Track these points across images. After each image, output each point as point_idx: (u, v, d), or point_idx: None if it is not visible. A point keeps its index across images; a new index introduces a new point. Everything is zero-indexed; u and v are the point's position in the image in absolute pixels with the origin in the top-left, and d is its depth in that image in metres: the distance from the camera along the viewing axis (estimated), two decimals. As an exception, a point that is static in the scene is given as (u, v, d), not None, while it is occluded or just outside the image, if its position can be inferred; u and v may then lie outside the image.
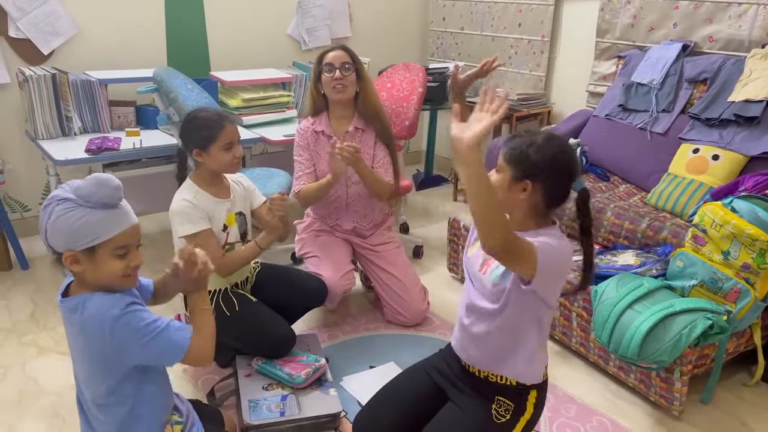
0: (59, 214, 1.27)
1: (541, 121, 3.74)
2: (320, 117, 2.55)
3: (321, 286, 2.36)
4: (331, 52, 2.46)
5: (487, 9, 4.01)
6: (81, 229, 1.27)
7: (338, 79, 2.42)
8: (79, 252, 1.29)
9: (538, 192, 1.43)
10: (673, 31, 3.04)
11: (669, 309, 1.92)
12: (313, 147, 2.55)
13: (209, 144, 2.01)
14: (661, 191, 2.64)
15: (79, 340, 1.35)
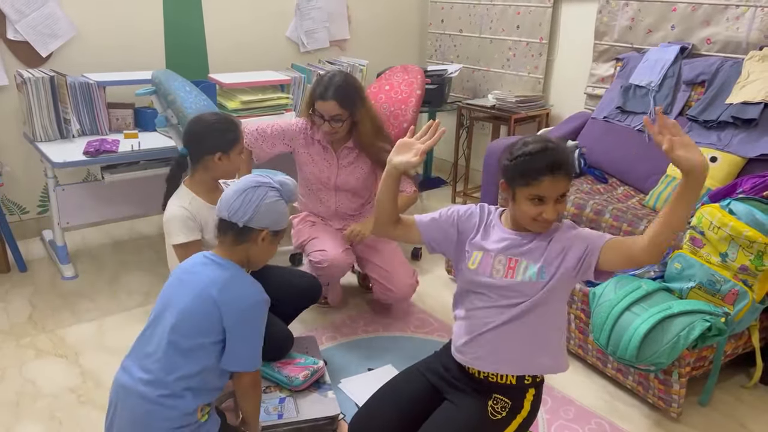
0: (275, 199, 1.60)
1: (540, 123, 3.74)
2: (316, 127, 2.52)
3: (314, 284, 2.34)
4: (322, 101, 2.36)
5: (486, 11, 4.02)
6: (283, 216, 1.64)
7: (327, 131, 2.43)
8: (269, 233, 1.61)
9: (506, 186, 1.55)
10: (671, 33, 3.05)
11: (667, 311, 1.92)
12: (302, 149, 2.55)
13: (232, 147, 2.04)
14: (659, 193, 2.64)
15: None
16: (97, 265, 3.05)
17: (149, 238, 3.38)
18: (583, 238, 1.51)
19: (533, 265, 1.52)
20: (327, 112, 2.38)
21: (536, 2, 3.69)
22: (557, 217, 1.51)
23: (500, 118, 3.72)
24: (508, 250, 1.56)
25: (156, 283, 2.82)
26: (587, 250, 1.48)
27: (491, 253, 1.58)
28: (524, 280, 1.52)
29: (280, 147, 2.59)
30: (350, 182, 2.59)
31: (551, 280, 1.50)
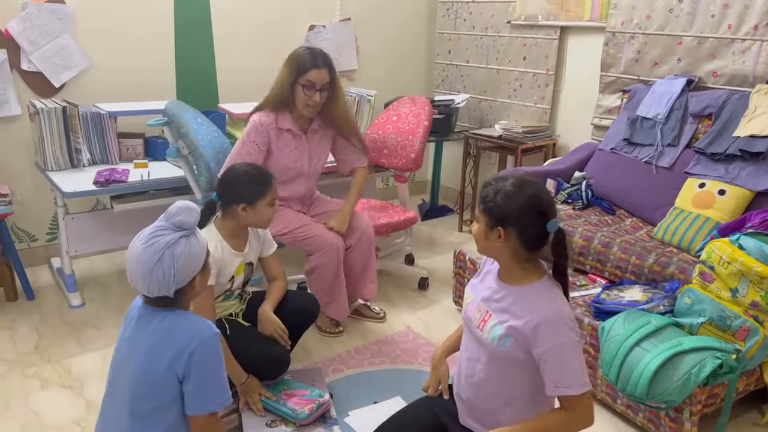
0: (186, 251, 1.40)
1: (546, 154, 3.75)
2: (282, 114, 2.54)
3: (312, 302, 2.35)
4: (316, 69, 2.42)
5: (492, 42, 4.06)
6: (202, 251, 1.46)
7: (316, 101, 2.46)
8: (199, 274, 1.47)
9: (512, 237, 1.46)
10: (677, 65, 3.07)
11: (677, 347, 1.90)
12: (275, 143, 2.56)
13: (257, 199, 2.07)
14: (667, 225, 2.63)
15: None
16: (104, 294, 3.05)
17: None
18: (552, 367, 1.43)
19: (499, 327, 1.50)
20: (321, 80, 2.43)
21: (543, 34, 3.73)
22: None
23: (507, 148, 3.73)
24: (488, 302, 1.56)
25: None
26: (546, 378, 1.45)
27: (476, 299, 1.60)
28: (487, 338, 1.52)
29: (264, 154, 2.58)
30: (319, 164, 2.70)
31: (513, 352, 1.48)
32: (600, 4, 3.39)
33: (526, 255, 1.49)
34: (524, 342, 1.46)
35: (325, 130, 2.67)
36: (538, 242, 1.48)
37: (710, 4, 2.89)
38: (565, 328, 1.42)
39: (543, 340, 1.42)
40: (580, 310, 2.30)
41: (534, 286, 1.49)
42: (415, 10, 4.46)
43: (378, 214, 3.11)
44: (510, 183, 1.47)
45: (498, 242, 1.48)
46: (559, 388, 1.43)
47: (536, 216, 1.45)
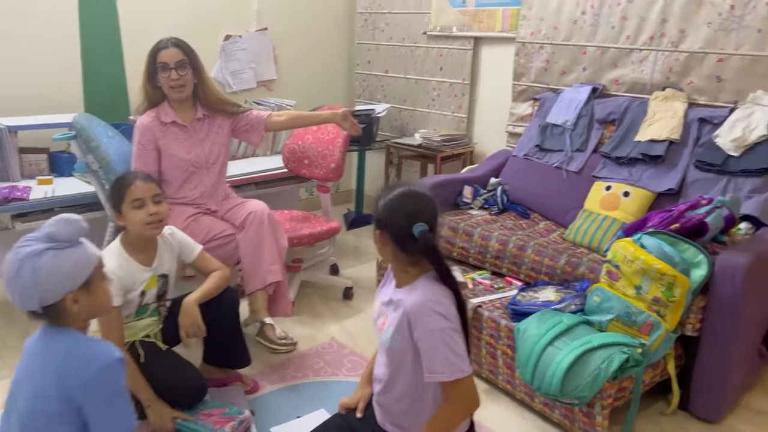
0: (51, 263, 1.31)
1: (465, 161, 3.83)
2: (161, 108, 2.56)
3: (197, 385, 2.12)
4: (164, 50, 2.47)
5: (410, 53, 4.13)
6: (78, 266, 1.35)
7: (175, 79, 2.47)
8: (77, 291, 1.35)
9: (388, 239, 1.51)
10: (583, 74, 3.21)
11: (587, 345, 1.98)
12: (162, 140, 2.54)
13: (120, 204, 1.99)
14: (578, 227, 2.74)
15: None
16: (7, 320, 2.86)
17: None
18: (424, 353, 1.48)
19: (390, 327, 1.55)
20: (172, 59, 2.47)
21: (458, 45, 3.82)
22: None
23: (427, 156, 3.80)
24: (386, 305, 1.61)
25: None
26: (423, 364, 1.49)
27: (379, 305, 1.66)
28: (386, 340, 1.57)
29: (155, 152, 2.56)
30: (215, 151, 2.66)
31: (403, 349, 1.53)
32: (510, 16, 3.51)
33: (406, 258, 1.53)
34: (408, 336, 1.50)
35: (213, 119, 2.66)
36: (411, 246, 1.49)
37: (610, 15, 3.05)
38: (431, 313, 1.46)
39: (413, 327, 1.48)
40: (497, 313, 2.36)
41: (414, 284, 1.54)
42: (333, 21, 4.47)
43: (300, 225, 3.08)
44: (391, 190, 1.54)
45: (379, 244, 1.54)
46: (432, 375, 1.46)
47: (402, 217, 1.49)
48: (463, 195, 3.15)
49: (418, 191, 1.55)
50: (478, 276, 2.69)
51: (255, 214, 2.55)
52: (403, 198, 1.51)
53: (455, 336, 1.48)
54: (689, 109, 2.76)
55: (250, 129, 2.77)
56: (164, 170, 2.58)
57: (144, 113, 2.57)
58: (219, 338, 2.23)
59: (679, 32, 2.83)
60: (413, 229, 1.47)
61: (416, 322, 1.47)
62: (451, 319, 1.49)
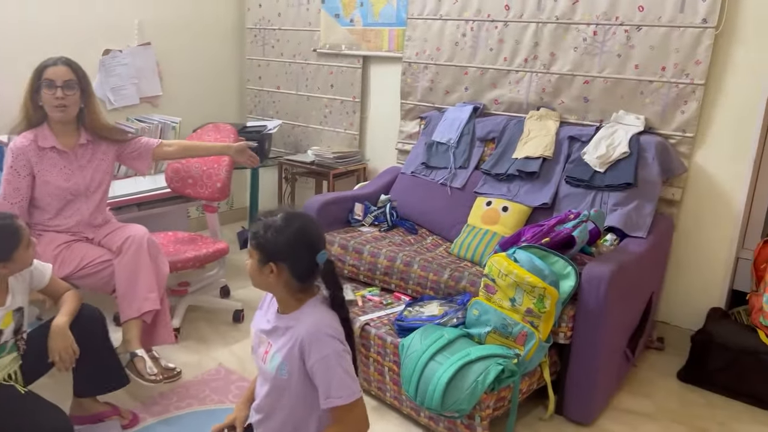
0: None
1: (358, 178, 3.87)
2: (40, 131, 2.41)
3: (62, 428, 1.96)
4: (53, 67, 2.35)
5: (301, 69, 4.12)
6: None
7: (60, 98, 2.34)
8: None
9: (284, 271, 1.51)
10: (465, 93, 3.34)
11: (465, 358, 2.04)
12: (38, 165, 2.40)
13: (14, 251, 1.86)
14: (462, 242, 2.83)
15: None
16: None
17: None
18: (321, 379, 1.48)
19: (278, 355, 1.54)
20: (60, 77, 2.34)
21: (347, 63, 3.86)
22: None
23: (320, 173, 3.80)
24: (268, 333, 1.60)
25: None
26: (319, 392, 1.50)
27: (258, 332, 1.64)
28: (269, 369, 1.56)
29: (29, 178, 2.39)
30: (97, 178, 2.54)
31: (291, 377, 1.53)
32: (396, 36, 3.59)
33: (298, 286, 1.54)
34: (299, 363, 1.49)
35: (97, 144, 2.53)
36: (308, 274, 1.54)
37: (488, 38, 3.19)
38: (326, 338, 1.48)
39: (308, 354, 1.47)
40: (384, 329, 2.38)
41: (302, 309, 1.55)
42: (223, 36, 4.38)
43: (185, 247, 2.98)
44: (279, 218, 1.51)
45: (271, 277, 1.51)
46: (330, 399, 1.47)
47: (306, 250, 1.51)
48: (354, 212, 3.17)
49: (309, 218, 1.57)
50: (368, 293, 2.72)
51: (133, 238, 2.43)
52: (301, 231, 1.51)
53: (348, 359, 1.50)
54: (561, 128, 2.94)
55: (137, 157, 2.66)
56: (38, 197, 2.42)
57: (20, 134, 2.39)
58: (89, 360, 2.08)
59: (550, 55, 3.01)
60: (318, 258, 1.50)
61: (311, 349, 1.46)
62: (344, 341, 1.52)
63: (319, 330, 1.49)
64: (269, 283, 1.53)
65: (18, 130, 2.40)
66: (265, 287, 1.58)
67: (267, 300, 1.69)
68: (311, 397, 1.52)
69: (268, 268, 1.50)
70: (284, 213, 1.52)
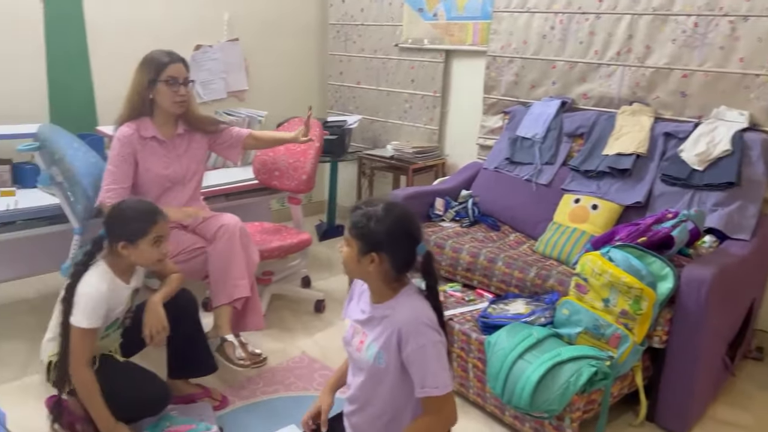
0: None
1: (437, 173, 3.85)
2: (141, 122, 2.50)
3: (161, 395, 2.10)
4: (174, 64, 2.44)
5: (382, 65, 4.14)
6: None
7: (182, 95, 2.46)
8: None
9: (385, 261, 1.51)
10: (552, 88, 3.26)
11: (556, 358, 1.99)
12: (140, 153, 2.50)
13: (139, 238, 1.94)
14: (547, 240, 2.76)
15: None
16: None
17: (28, 302, 3.13)
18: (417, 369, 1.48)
19: (374, 345, 1.54)
20: (181, 75, 2.46)
21: (429, 57, 3.84)
22: None
23: (399, 168, 3.80)
24: (363, 323, 1.60)
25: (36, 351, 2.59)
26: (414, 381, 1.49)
27: (352, 323, 1.64)
28: (366, 358, 1.56)
29: (133, 165, 2.50)
30: (192, 167, 2.63)
31: (391, 368, 1.52)
32: (481, 30, 3.54)
33: (394, 276, 1.54)
34: (395, 353, 1.49)
35: (192, 134, 2.63)
36: (407, 265, 1.54)
37: (578, 31, 3.10)
38: (423, 328, 1.48)
39: (405, 343, 1.47)
40: (468, 326, 2.36)
41: (397, 299, 1.55)
42: (306, 32, 4.46)
43: (271, 237, 3.05)
44: (381, 208, 1.51)
45: (371, 266, 1.51)
46: (425, 389, 1.47)
47: (406, 240, 1.51)
48: (435, 207, 3.16)
49: (409, 209, 1.57)
50: (449, 288, 2.70)
51: (227, 227, 2.51)
52: (402, 221, 1.51)
53: (443, 350, 1.50)
54: (655, 124, 2.82)
55: (229, 147, 2.75)
56: (139, 184, 2.53)
57: (123, 124, 2.51)
58: (181, 343, 2.20)
59: (645, 48, 2.89)
60: (417, 250, 1.51)
61: (408, 338, 1.46)
62: (440, 332, 1.51)
63: (417, 319, 1.48)
64: (367, 272, 1.53)
65: (122, 120, 2.52)
66: (361, 276, 1.58)
67: (357, 290, 1.69)
68: (408, 387, 1.52)
69: (368, 258, 1.50)
70: (385, 203, 1.52)
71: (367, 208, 1.52)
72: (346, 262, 1.56)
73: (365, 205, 1.53)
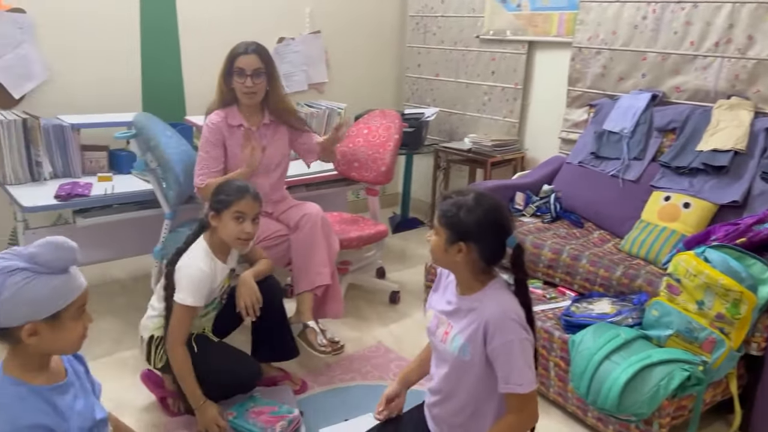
0: (18, 285, 1.18)
1: (515, 167, 3.78)
2: (230, 110, 2.60)
3: (252, 373, 2.20)
4: (244, 55, 2.50)
5: (461, 56, 4.09)
6: (47, 297, 1.21)
7: (249, 86, 2.51)
8: (40, 322, 1.21)
9: (473, 252, 1.48)
10: (642, 81, 3.13)
11: (646, 360, 1.92)
12: (228, 140, 2.59)
13: (223, 209, 2.05)
14: (634, 238, 2.66)
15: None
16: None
17: (121, 283, 3.30)
18: (502, 364, 1.46)
19: (459, 337, 1.52)
20: (249, 66, 2.50)
21: (511, 49, 3.77)
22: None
23: (476, 161, 3.76)
24: (448, 314, 1.58)
25: (127, 330, 2.74)
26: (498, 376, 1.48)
27: (437, 313, 1.62)
28: (450, 350, 1.54)
29: (223, 150, 2.60)
30: (276, 157, 2.69)
31: (473, 359, 1.50)
32: (567, 20, 3.44)
33: (482, 268, 1.52)
34: (481, 346, 1.48)
35: (278, 126, 2.70)
36: (496, 256, 1.51)
37: (673, 21, 2.96)
38: (511, 324, 1.45)
39: (491, 337, 1.45)
40: (550, 323, 2.31)
41: (485, 291, 1.53)
42: (385, 24, 4.48)
43: (349, 227, 3.09)
44: (471, 198, 1.49)
45: (458, 256, 1.50)
46: (509, 385, 1.45)
47: (496, 232, 1.48)
48: (515, 201, 3.11)
49: (499, 200, 1.55)
50: (530, 285, 2.64)
51: (309, 216, 2.56)
52: (492, 211, 1.49)
53: (530, 348, 1.48)
54: (756, 119, 2.66)
55: (307, 151, 2.83)
56: (227, 170, 2.62)
57: (213, 112, 2.62)
58: (266, 328, 2.27)
59: (747, 38, 2.73)
60: (508, 242, 1.48)
61: (495, 332, 1.45)
62: (528, 329, 1.49)
63: (505, 314, 1.46)
64: (455, 262, 1.51)
65: (212, 108, 2.63)
66: (448, 266, 1.57)
67: (442, 281, 1.68)
68: (492, 381, 1.50)
69: (456, 248, 1.48)
70: (476, 193, 1.50)
71: (458, 197, 1.50)
72: (433, 251, 1.56)
73: (456, 194, 1.52)
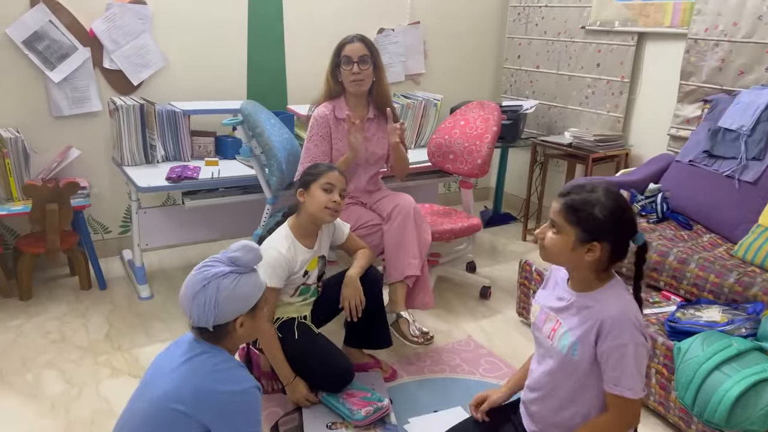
0: (232, 286, 1.40)
1: (619, 164, 3.62)
2: (337, 102, 2.65)
3: (347, 370, 2.21)
4: (350, 44, 2.55)
5: (564, 48, 3.96)
6: (252, 292, 1.45)
7: (356, 73, 2.54)
8: (245, 316, 1.45)
9: (605, 250, 1.42)
10: (765, 75, 2.90)
11: (762, 374, 1.78)
12: (334, 134, 2.64)
13: (311, 182, 2.13)
14: (750, 244, 2.48)
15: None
16: (171, 287, 3.13)
17: (222, 263, 3.45)
18: (613, 366, 1.41)
19: (569, 335, 1.47)
20: (355, 53, 2.54)
21: (619, 40, 3.61)
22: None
23: (576, 156, 3.63)
24: (558, 311, 1.53)
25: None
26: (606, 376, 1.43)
27: (546, 309, 1.57)
28: (558, 347, 1.49)
29: (329, 143, 2.66)
30: (377, 152, 2.72)
31: (585, 359, 1.45)
32: (682, 10, 3.25)
33: (605, 266, 1.46)
34: (591, 346, 1.43)
35: (381, 121, 2.72)
36: (623, 255, 1.46)
37: (805, 10, 2.72)
38: (630, 327, 1.39)
39: (605, 338, 1.40)
40: (653, 329, 2.20)
41: (602, 290, 1.47)
42: (485, 14, 4.40)
43: (441, 219, 3.07)
44: (602, 194, 1.41)
45: (588, 255, 1.42)
46: (618, 387, 1.40)
47: (628, 229, 1.43)
48: (617, 200, 2.97)
49: (623, 195, 1.50)
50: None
51: (401, 206, 2.57)
52: (626, 209, 1.43)
53: (645, 355, 1.42)
54: None
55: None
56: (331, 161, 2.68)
57: (321, 105, 2.68)
58: (363, 316, 2.29)
59: None
60: (636, 239, 1.44)
61: (610, 333, 1.39)
62: (646, 335, 1.43)
63: (625, 315, 1.40)
64: (581, 260, 1.43)
65: (319, 101, 2.69)
66: (570, 264, 1.49)
67: (553, 276, 1.63)
68: (597, 383, 1.45)
69: (586, 247, 1.41)
70: (604, 188, 1.42)
71: (587, 193, 1.41)
72: (552, 250, 1.46)
73: (582, 189, 1.43)
